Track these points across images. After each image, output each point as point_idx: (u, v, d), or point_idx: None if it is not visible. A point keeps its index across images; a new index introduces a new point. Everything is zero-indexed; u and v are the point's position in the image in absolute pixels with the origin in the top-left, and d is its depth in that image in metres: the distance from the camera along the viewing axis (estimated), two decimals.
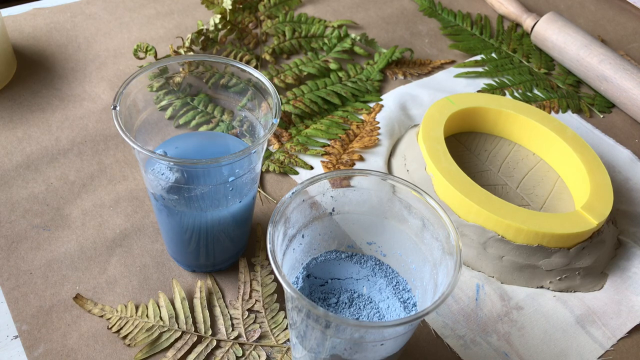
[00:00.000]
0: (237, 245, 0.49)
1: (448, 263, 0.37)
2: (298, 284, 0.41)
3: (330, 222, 0.42)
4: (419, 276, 0.41)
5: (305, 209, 0.40)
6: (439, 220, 0.38)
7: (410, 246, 0.41)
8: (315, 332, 0.36)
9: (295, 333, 0.39)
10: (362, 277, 0.43)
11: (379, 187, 0.40)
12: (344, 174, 0.40)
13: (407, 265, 0.42)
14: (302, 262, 0.42)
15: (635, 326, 0.50)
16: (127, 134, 0.39)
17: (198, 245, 0.47)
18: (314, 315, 0.35)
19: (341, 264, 0.43)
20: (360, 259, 0.44)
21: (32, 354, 0.43)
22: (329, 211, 0.42)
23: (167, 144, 0.47)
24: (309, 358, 0.39)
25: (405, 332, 0.36)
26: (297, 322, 0.37)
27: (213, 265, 0.49)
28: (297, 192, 0.38)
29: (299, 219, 0.40)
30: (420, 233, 0.40)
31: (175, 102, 0.50)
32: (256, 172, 0.45)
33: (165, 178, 0.42)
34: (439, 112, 0.59)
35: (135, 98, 0.44)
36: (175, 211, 0.44)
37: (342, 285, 0.43)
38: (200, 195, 0.43)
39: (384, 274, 0.43)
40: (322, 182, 0.39)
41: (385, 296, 0.42)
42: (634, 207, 0.60)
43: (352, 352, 0.37)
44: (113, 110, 0.40)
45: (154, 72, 0.45)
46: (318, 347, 0.37)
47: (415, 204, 0.40)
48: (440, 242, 0.38)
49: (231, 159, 0.39)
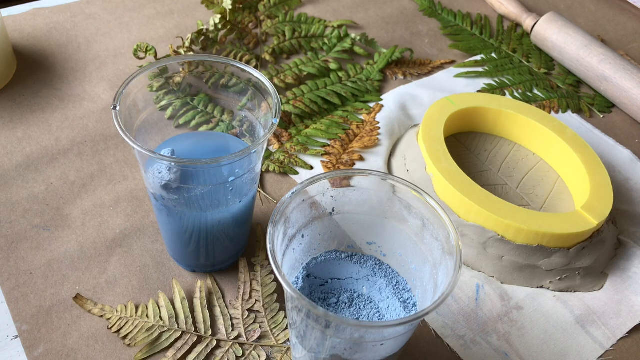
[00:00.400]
0: (237, 245, 0.49)
1: (448, 263, 0.37)
2: (298, 284, 0.41)
3: (330, 222, 0.42)
4: (419, 276, 0.41)
5: (305, 209, 0.40)
6: (439, 220, 0.38)
7: (410, 246, 0.41)
8: (315, 332, 0.36)
9: (295, 333, 0.39)
10: (362, 277, 0.43)
11: (379, 187, 0.40)
12: (344, 174, 0.40)
13: (407, 265, 0.42)
14: (302, 262, 0.42)
15: (635, 326, 0.50)
16: (127, 133, 0.39)
17: (198, 245, 0.47)
18: (314, 315, 0.35)
19: (341, 264, 0.43)
20: (360, 259, 0.44)
21: (32, 354, 0.43)
22: (329, 211, 0.42)
23: (167, 144, 0.47)
24: (309, 358, 0.39)
25: (405, 332, 0.36)
26: (297, 322, 0.37)
27: (213, 265, 0.49)
28: (297, 192, 0.38)
29: (299, 219, 0.40)
30: (420, 233, 0.40)
31: (175, 102, 0.50)
32: (256, 172, 0.45)
33: (165, 178, 0.42)
34: (439, 112, 0.59)
35: (135, 98, 0.44)
36: (175, 211, 0.44)
37: (342, 285, 0.43)
38: (200, 195, 0.43)
39: (384, 274, 0.43)
40: (322, 182, 0.39)
41: (385, 296, 0.42)
42: (634, 207, 0.60)
43: (352, 352, 0.37)
44: (113, 110, 0.40)
45: (154, 72, 0.45)
46: (318, 347, 0.37)
47: (415, 204, 0.40)
48: (440, 242, 0.38)
49: (231, 159, 0.39)
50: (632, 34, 0.85)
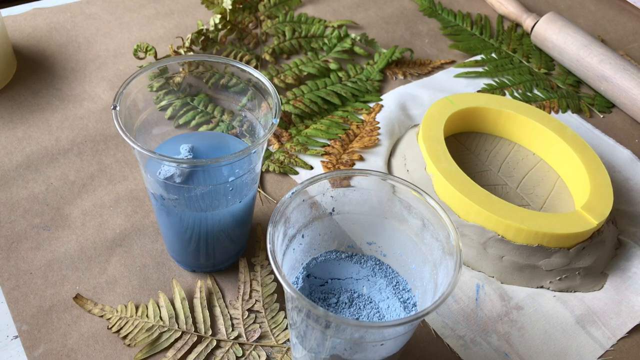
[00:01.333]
0: (237, 245, 0.49)
1: (448, 263, 0.37)
2: (298, 284, 0.41)
3: (331, 222, 0.42)
4: (419, 276, 0.41)
5: (305, 208, 0.40)
6: (439, 220, 0.38)
7: (410, 246, 0.41)
8: (315, 332, 0.36)
9: (295, 333, 0.39)
10: (362, 277, 0.43)
11: (379, 187, 0.40)
12: (344, 174, 0.40)
13: (407, 265, 0.42)
14: (302, 262, 0.42)
15: (635, 326, 0.50)
16: (127, 134, 0.39)
17: (198, 245, 0.47)
18: (314, 315, 0.35)
19: (341, 264, 0.43)
20: (360, 259, 0.44)
21: (32, 354, 0.43)
22: (329, 211, 0.42)
23: (167, 144, 0.47)
24: (309, 358, 0.39)
25: (405, 332, 0.36)
26: (297, 322, 0.37)
27: (213, 265, 0.49)
28: (297, 192, 0.38)
29: (299, 219, 0.40)
30: (421, 233, 0.40)
31: (175, 102, 0.50)
32: (256, 172, 0.45)
33: (164, 178, 0.42)
34: (439, 112, 0.59)
35: (135, 98, 0.44)
36: (175, 211, 0.44)
37: (342, 285, 0.43)
38: (200, 195, 0.43)
39: (384, 274, 0.43)
40: (322, 182, 0.39)
41: (385, 296, 0.42)
42: (634, 207, 0.60)
43: (352, 352, 0.37)
44: (113, 110, 0.40)
45: (154, 72, 0.45)
46: (318, 347, 0.37)
47: (415, 204, 0.40)
48: (440, 242, 0.38)
49: (231, 159, 0.39)
50: (632, 34, 0.85)
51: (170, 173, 0.42)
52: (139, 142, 0.40)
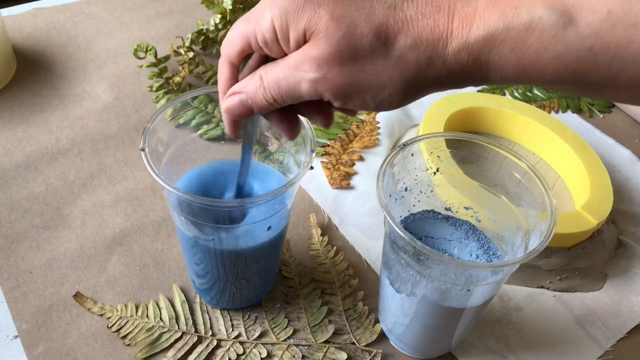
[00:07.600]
0: (265, 281, 0.48)
1: (542, 227, 0.39)
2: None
3: (432, 181, 0.44)
4: (511, 242, 0.42)
5: (409, 165, 0.42)
6: (538, 187, 0.40)
7: (507, 213, 0.43)
8: (409, 272, 0.38)
9: (388, 274, 0.41)
10: (454, 239, 0.44)
11: (491, 157, 0.43)
12: (463, 136, 0.43)
13: (501, 232, 0.43)
14: (401, 215, 0.44)
15: (634, 326, 0.50)
16: (160, 177, 0.37)
17: (234, 279, 0.45)
18: (411, 249, 0.37)
19: (437, 223, 0.45)
20: (456, 222, 0.45)
21: (32, 353, 0.43)
22: (433, 170, 0.44)
23: (190, 177, 0.44)
24: (399, 299, 0.42)
25: (491, 281, 0.38)
26: (394, 261, 0.40)
27: (248, 300, 0.48)
28: (409, 144, 0.41)
29: (402, 175, 0.42)
30: (519, 201, 0.42)
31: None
32: (288, 208, 0.43)
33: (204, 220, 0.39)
34: (439, 112, 0.59)
35: (159, 136, 0.41)
36: (211, 249, 0.42)
37: (435, 244, 0.44)
38: (236, 233, 0.41)
39: (477, 238, 0.44)
40: (434, 139, 0.42)
41: (475, 259, 0.43)
42: (634, 207, 0.60)
43: (441, 298, 0.39)
44: (142, 152, 0.38)
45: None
46: (413, 287, 0.40)
47: (517, 172, 0.42)
48: (536, 209, 0.40)
49: (267, 197, 0.37)
50: None
51: (208, 223, 0.39)
52: (164, 177, 0.37)
